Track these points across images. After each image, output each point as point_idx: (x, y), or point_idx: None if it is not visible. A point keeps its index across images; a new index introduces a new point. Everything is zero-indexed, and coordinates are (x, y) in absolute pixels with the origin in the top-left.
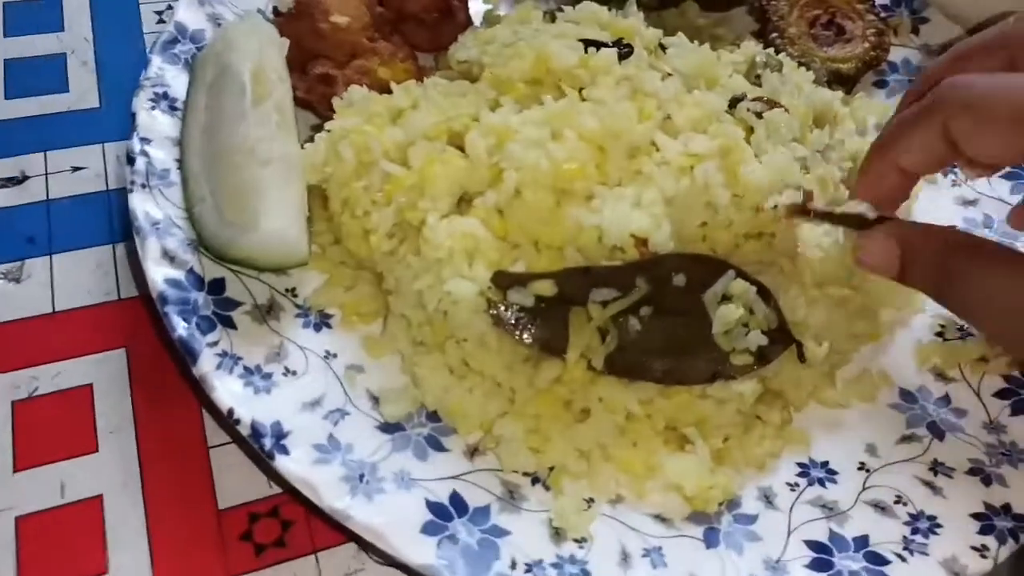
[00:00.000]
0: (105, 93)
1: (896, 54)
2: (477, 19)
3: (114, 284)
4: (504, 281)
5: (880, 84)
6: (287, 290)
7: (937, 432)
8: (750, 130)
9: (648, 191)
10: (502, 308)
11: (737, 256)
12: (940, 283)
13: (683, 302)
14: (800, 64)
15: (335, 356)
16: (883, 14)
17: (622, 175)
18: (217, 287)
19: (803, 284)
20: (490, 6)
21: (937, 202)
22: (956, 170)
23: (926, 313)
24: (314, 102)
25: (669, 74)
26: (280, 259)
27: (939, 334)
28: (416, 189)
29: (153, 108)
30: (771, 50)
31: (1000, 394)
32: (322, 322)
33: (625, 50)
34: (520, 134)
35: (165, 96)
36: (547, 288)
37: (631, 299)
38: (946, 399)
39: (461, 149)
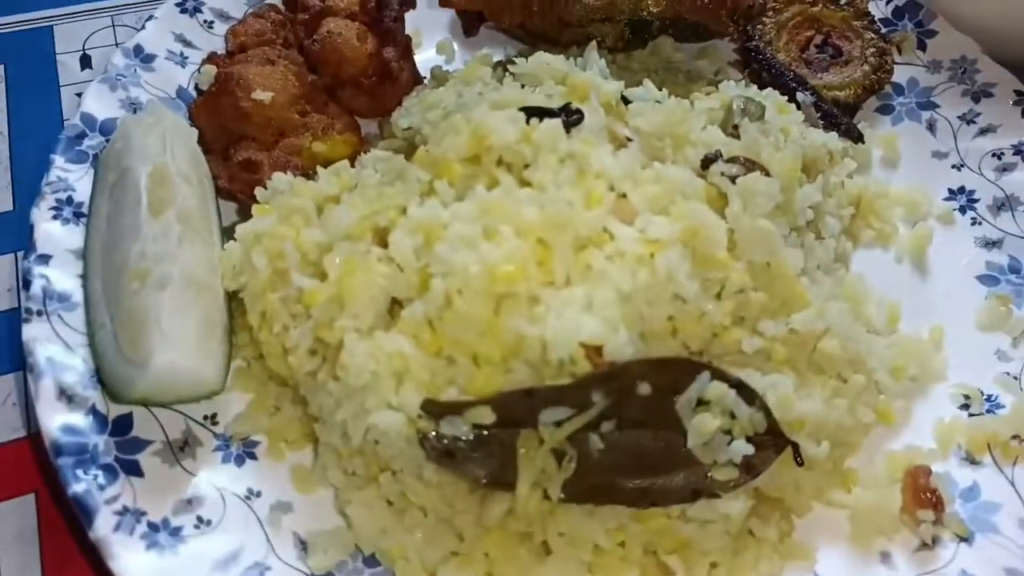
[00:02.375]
0: (20, 193)
1: (901, 74)
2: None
3: (22, 418)
4: (435, 410)
5: (885, 110)
6: (206, 417)
7: (965, 534)
8: (724, 197)
9: (601, 290)
10: (435, 440)
11: (716, 347)
12: None
13: (652, 413)
14: (789, 98)
15: (259, 495)
16: (884, 30)
17: (570, 272)
18: (123, 426)
19: (797, 371)
20: (443, 57)
21: (956, 245)
22: (975, 206)
23: (947, 382)
24: (237, 193)
25: (629, 139)
26: (181, 395)
27: (964, 407)
28: (335, 303)
29: (56, 217)
30: (753, 87)
31: None
32: (245, 453)
33: (574, 117)
34: (450, 231)
35: (69, 201)
36: (485, 415)
37: (588, 416)
38: (974, 490)
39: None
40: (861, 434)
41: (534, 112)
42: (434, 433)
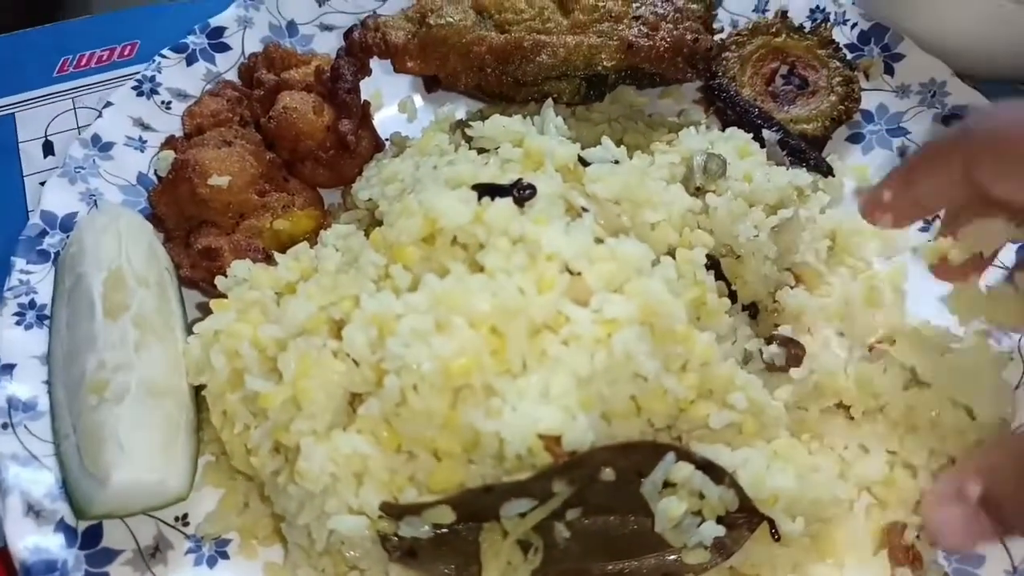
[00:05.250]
0: None
1: (870, 100)
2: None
3: None
4: (394, 512)
5: (855, 138)
6: (177, 519)
7: None
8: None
9: (557, 375)
10: (397, 541)
11: (684, 423)
12: None
13: (618, 498)
14: (755, 135)
15: None
16: (851, 56)
17: (526, 359)
18: (93, 537)
19: (766, 445)
20: (405, 116)
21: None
22: None
23: None
24: (199, 281)
25: (585, 209)
26: (146, 506)
27: None
28: (291, 404)
29: (19, 323)
30: (712, 134)
31: None
32: (217, 553)
33: (526, 192)
34: (401, 325)
35: (32, 305)
36: (445, 515)
37: (552, 506)
38: None
39: None
40: (841, 507)
41: (486, 190)
42: (395, 534)
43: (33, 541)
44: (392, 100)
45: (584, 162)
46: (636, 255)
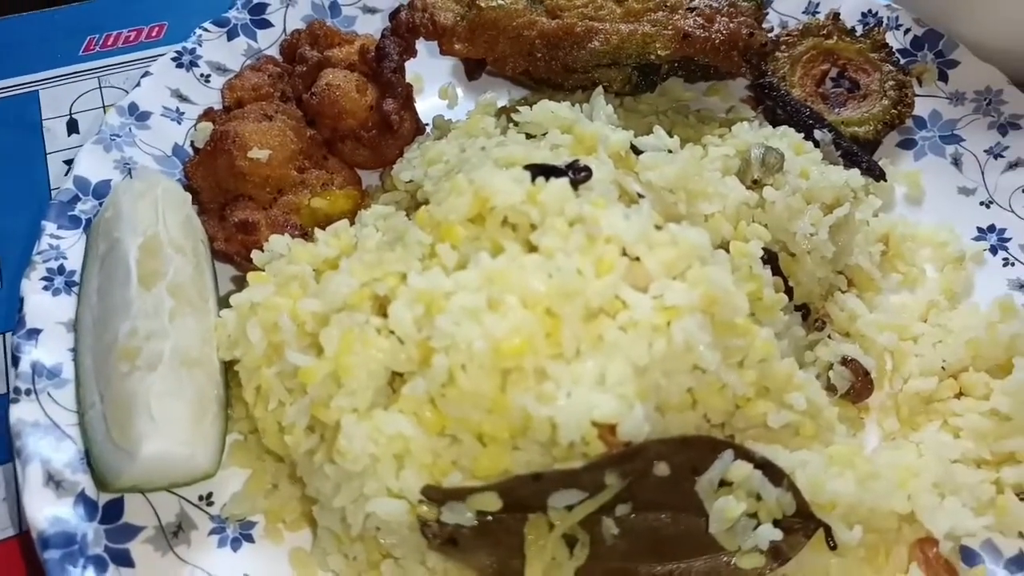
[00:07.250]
0: (7, 268)
1: (922, 107)
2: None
3: (11, 515)
4: (437, 496)
5: (907, 144)
6: (201, 497)
7: None
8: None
9: (614, 362)
10: (437, 528)
11: (740, 420)
12: None
13: (670, 495)
14: (806, 136)
15: None
16: (903, 62)
17: (581, 344)
18: (114, 511)
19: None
20: (446, 102)
21: (988, 289)
22: (1007, 246)
23: None
24: (234, 255)
25: (640, 195)
26: (173, 481)
27: None
28: (332, 380)
29: (47, 288)
30: (766, 130)
31: None
32: (242, 536)
33: (582, 175)
34: (452, 302)
35: (61, 270)
36: (490, 503)
37: (602, 500)
38: (1020, 559)
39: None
40: (899, 520)
41: (540, 170)
42: (436, 520)
43: (52, 512)
44: (433, 88)
45: (636, 150)
46: (698, 242)
